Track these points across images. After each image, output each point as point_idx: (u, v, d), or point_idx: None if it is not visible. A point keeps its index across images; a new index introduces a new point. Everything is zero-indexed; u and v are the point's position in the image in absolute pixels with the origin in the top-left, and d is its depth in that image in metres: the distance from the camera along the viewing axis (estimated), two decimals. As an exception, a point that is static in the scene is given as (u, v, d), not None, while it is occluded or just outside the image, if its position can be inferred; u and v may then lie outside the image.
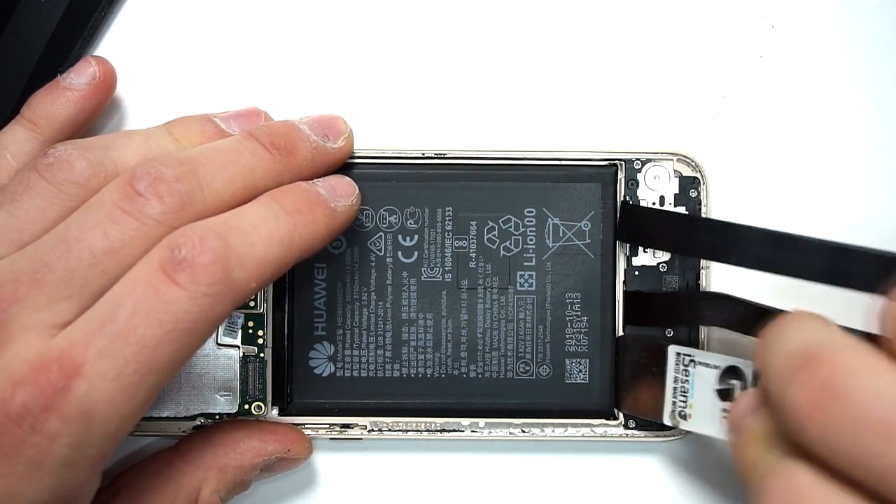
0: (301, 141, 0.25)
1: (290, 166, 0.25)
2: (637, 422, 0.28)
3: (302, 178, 0.25)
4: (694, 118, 0.29)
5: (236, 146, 0.24)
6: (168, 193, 0.22)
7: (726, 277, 0.28)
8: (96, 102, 0.27)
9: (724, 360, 0.24)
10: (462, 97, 0.29)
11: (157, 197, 0.22)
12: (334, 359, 0.28)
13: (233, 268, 0.21)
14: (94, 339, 0.20)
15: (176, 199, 0.22)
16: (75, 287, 0.21)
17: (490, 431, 0.28)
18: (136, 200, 0.22)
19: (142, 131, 0.25)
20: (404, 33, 0.29)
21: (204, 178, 0.23)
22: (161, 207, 0.22)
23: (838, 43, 0.29)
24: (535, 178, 0.28)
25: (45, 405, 0.20)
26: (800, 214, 0.29)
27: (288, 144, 0.25)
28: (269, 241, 0.22)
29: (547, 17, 0.29)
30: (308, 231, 0.23)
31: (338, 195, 0.25)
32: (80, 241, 0.21)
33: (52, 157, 0.23)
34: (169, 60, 0.29)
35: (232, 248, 0.21)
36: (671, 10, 0.29)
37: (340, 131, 0.26)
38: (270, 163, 0.24)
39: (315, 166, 0.25)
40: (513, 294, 0.28)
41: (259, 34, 0.29)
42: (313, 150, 0.25)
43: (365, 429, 0.28)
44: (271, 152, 0.24)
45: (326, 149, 0.26)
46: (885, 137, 0.29)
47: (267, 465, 0.27)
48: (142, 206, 0.22)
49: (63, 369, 0.20)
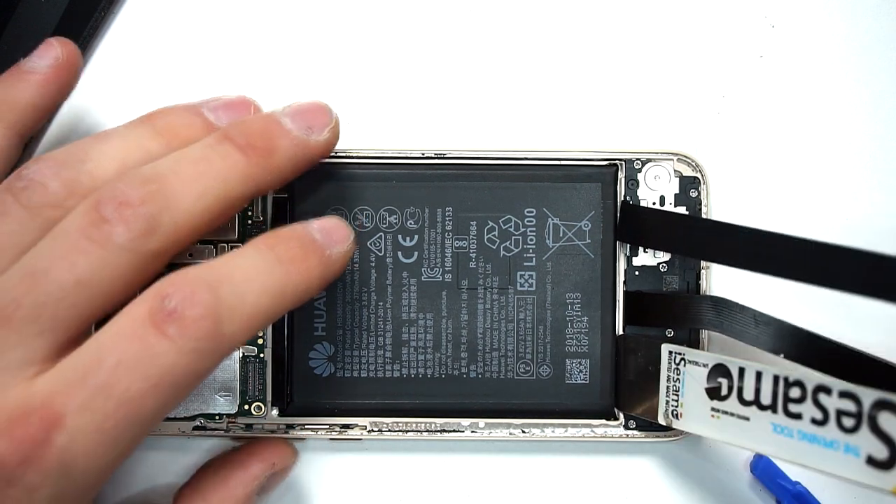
0: (281, 138, 0.23)
1: (269, 168, 0.23)
2: (637, 422, 0.28)
3: (283, 179, 0.24)
4: (694, 118, 0.29)
5: (208, 153, 0.22)
6: (134, 218, 0.21)
7: (726, 278, 0.28)
8: (60, 85, 0.26)
9: (713, 358, 0.24)
10: (462, 97, 0.29)
11: (124, 223, 0.21)
12: (334, 359, 0.28)
13: (223, 321, 0.20)
14: (76, 391, 0.20)
15: (143, 223, 0.21)
16: (46, 323, 0.20)
17: (490, 432, 0.28)
18: (101, 228, 0.21)
19: (119, 131, 0.24)
20: (404, 33, 0.29)
21: (173, 196, 0.21)
22: (128, 234, 0.21)
23: (838, 43, 0.29)
24: (535, 178, 0.28)
25: (24, 458, 0.19)
26: (800, 214, 0.29)
27: (266, 144, 0.23)
28: (262, 292, 0.21)
29: (547, 17, 0.29)
30: (302, 281, 0.22)
31: (333, 240, 0.23)
32: (48, 273, 0.20)
33: (26, 180, 0.22)
34: (169, 60, 0.29)
35: (223, 301, 0.21)
36: (671, 10, 0.29)
37: (325, 121, 0.24)
38: (246, 167, 0.23)
39: (297, 164, 0.24)
40: (513, 294, 0.28)
41: (259, 34, 0.29)
42: (295, 147, 0.23)
43: (365, 429, 0.28)
44: (247, 154, 0.23)
45: (309, 143, 0.24)
46: (885, 137, 0.29)
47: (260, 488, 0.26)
48: (108, 233, 0.21)
49: (43, 421, 0.19)
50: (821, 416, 0.22)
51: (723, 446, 0.28)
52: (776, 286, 0.28)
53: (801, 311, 0.28)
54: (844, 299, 0.25)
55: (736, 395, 0.24)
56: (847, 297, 0.22)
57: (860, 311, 0.28)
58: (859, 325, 0.28)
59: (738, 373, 0.24)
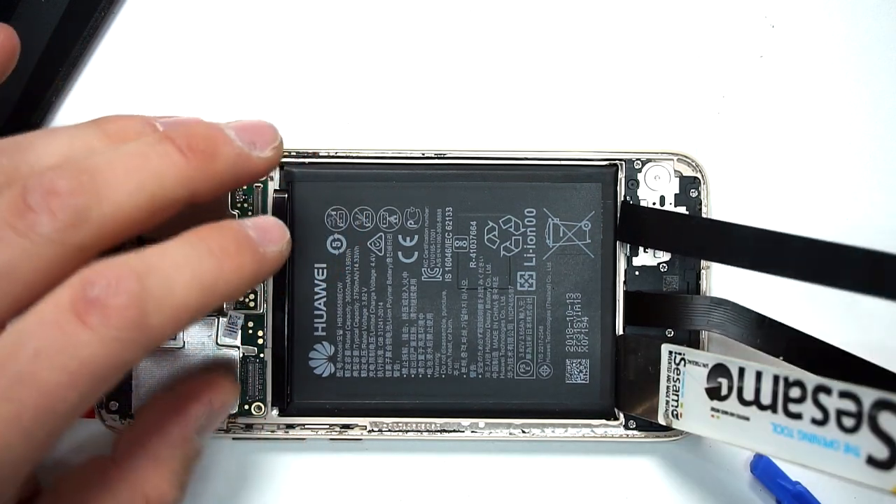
0: (223, 145, 0.22)
1: (208, 173, 0.22)
2: (637, 422, 0.28)
3: (222, 187, 0.23)
4: (694, 118, 0.29)
5: (146, 150, 0.21)
6: (61, 209, 0.20)
7: (727, 278, 0.28)
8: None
9: (713, 358, 0.24)
10: (462, 97, 0.29)
11: (50, 213, 0.20)
12: (334, 359, 0.28)
13: (149, 312, 0.20)
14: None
15: (70, 214, 0.20)
16: None
17: (490, 432, 0.28)
18: (26, 216, 0.20)
19: (68, 129, 0.23)
20: (404, 33, 0.29)
21: (104, 188, 0.20)
22: (53, 224, 0.20)
23: (838, 43, 0.29)
24: (536, 178, 0.28)
25: None
26: (800, 214, 0.29)
27: (208, 148, 0.22)
28: (191, 284, 0.21)
29: (547, 17, 0.29)
30: (234, 276, 0.21)
31: (268, 239, 0.22)
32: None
33: None
34: (169, 61, 0.29)
35: (149, 290, 0.20)
36: (671, 10, 0.29)
37: (269, 139, 0.23)
38: (185, 168, 0.22)
39: (237, 175, 0.23)
40: (513, 294, 0.28)
41: (259, 34, 0.29)
42: (236, 157, 0.22)
43: (365, 429, 0.28)
44: (186, 156, 0.22)
45: (251, 157, 0.23)
46: (885, 137, 0.29)
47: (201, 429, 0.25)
48: (32, 222, 0.20)
49: None
50: (821, 416, 0.22)
51: (723, 446, 0.28)
52: (776, 286, 0.28)
53: (801, 311, 0.28)
54: (844, 299, 0.25)
55: (736, 395, 0.24)
56: (846, 297, 0.22)
57: (860, 311, 0.28)
58: (859, 325, 0.28)
59: (738, 373, 0.24)
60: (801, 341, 0.25)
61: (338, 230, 0.28)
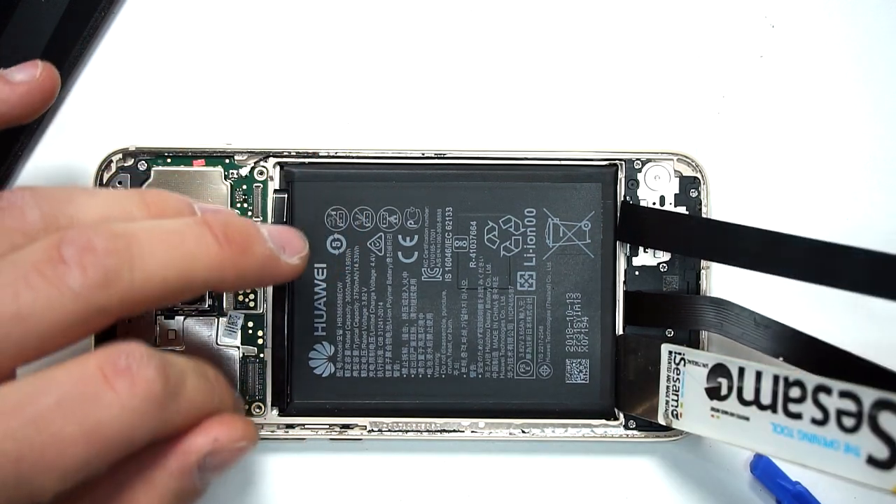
0: (257, 243, 0.23)
1: (238, 265, 0.22)
2: (637, 422, 0.28)
3: (246, 282, 0.23)
4: (694, 118, 0.29)
5: (184, 230, 0.22)
6: (93, 266, 0.20)
7: (726, 278, 0.28)
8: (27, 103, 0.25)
9: (713, 358, 0.24)
10: (462, 97, 0.29)
11: (82, 268, 0.20)
12: (334, 359, 0.28)
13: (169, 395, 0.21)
14: (6, 419, 0.19)
15: (100, 273, 0.20)
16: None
17: (490, 432, 0.28)
18: (57, 267, 0.20)
19: (110, 191, 0.24)
20: (405, 33, 0.29)
21: (138, 257, 0.21)
22: (82, 280, 0.20)
23: (838, 43, 0.29)
24: (535, 178, 0.28)
25: None
26: (800, 214, 0.29)
27: (243, 242, 0.23)
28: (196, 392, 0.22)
29: (547, 17, 0.29)
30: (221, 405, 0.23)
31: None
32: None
33: (7, 202, 0.22)
34: (169, 61, 0.29)
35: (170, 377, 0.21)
36: (671, 10, 0.29)
37: (298, 248, 0.24)
38: (217, 256, 0.22)
39: (262, 275, 0.23)
40: (513, 294, 0.28)
41: (259, 34, 0.29)
42: (266, 258, 0.23)
43: (365, 429, 0.28)
44: (221, 245, 0.22)
45: (280, 261, 0.24)
46: (885, 137, 0.29)
47: (204, 465, 0.23)
48: (62, 273, 0.20)
49: None
50: (821, 415, 0.22)
51: (723, 446, 0.28)
52: (776, 286, 0.28)
53: (801, 311, 0.28)
54: (844, 299, 0.25)
55: (736, 395, 0.24)
56: (846, 297, 0.22)
57: (860, 311, 0.28)
58: (859, 324, 0.28)
59: (737, 373, 0.24)
60: (801, 341, 0.25)
61: (338, 230, 0.28)
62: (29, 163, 0.29)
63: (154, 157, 0.28)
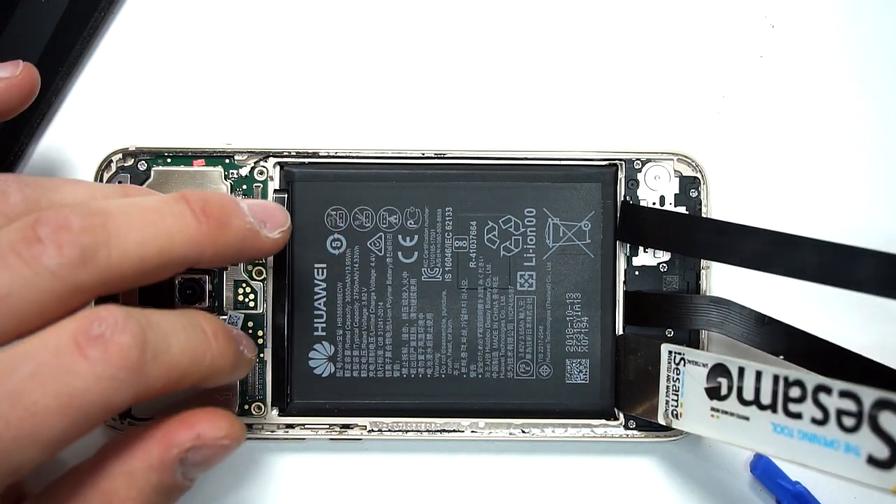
0: (236, 217, 0.23)
1: (217, 240, 0.22)
2: (637, 422, 0.28)
3: (227, 258, 0.23)
4: (694, 118, 0.29)
5: (162, 206, 0.22)
6: (70, 244, 0.20)
7: (726, 278, 0.28)
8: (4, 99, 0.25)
9: (712, 357, 0.24)
10: (462, 97, 0.29)
11: (57, 246, 0.20)
12: (334, 359, 0.28)
13: (146, 360, 0.20)
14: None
15: (76, 251, 0.20)
16: None
17: (490, 432, 0.28)
18: (33, 247, 0.20)
19: (94, 183, 0.24)
20: (405, 33, 0.29)
21: (115, 234, 0.21)
22: (59, 259, 0.20)
23: (838, 43, 0.29)
24: (535, 178, 0.28)
25: None
26: (800, 214, 0.29)
27: (221, 216, 0.22)
28: (181, 352, 0.21)
29: (547, 17, 0.29)
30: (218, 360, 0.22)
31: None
32: None
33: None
34: (169, 60, 0.29)
35: (149, 341, 0.20)
36: (671, 10, 0.29)
37: (279, 223, 0.24)
38: (195, 232, 0.22)
39: (243, 249, 0.23)
40: (513, 294, 0.28)
41: (259, 34, 0.29)
42: (246, 231, 0.23)
43: (365, 429, 0.28)
44: (199, 220, 0.22)
45: (260, 235, 0.23)
46: (885, 137, 0.29)
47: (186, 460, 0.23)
48: (38, 253, 0.20)
49: None
50: (821, 415, 0.22)
51: (723, 446, 0.28)
52: (776, 286, 0.28)
53: (801, 311, 0.28)
54: (844, 298, 0.25)
55: (736, 395, 0.24)
56: (847, 296, 0.22)
57: (860, 310, 0.28)
58: (859, 324, 0.28)
59: (737, 372, 0.24)
60: (801, 340, 0.25)
61: (338, 230, 0.28)
62: (29, 162, 0.29)
63: (154, 157, 0.28)
